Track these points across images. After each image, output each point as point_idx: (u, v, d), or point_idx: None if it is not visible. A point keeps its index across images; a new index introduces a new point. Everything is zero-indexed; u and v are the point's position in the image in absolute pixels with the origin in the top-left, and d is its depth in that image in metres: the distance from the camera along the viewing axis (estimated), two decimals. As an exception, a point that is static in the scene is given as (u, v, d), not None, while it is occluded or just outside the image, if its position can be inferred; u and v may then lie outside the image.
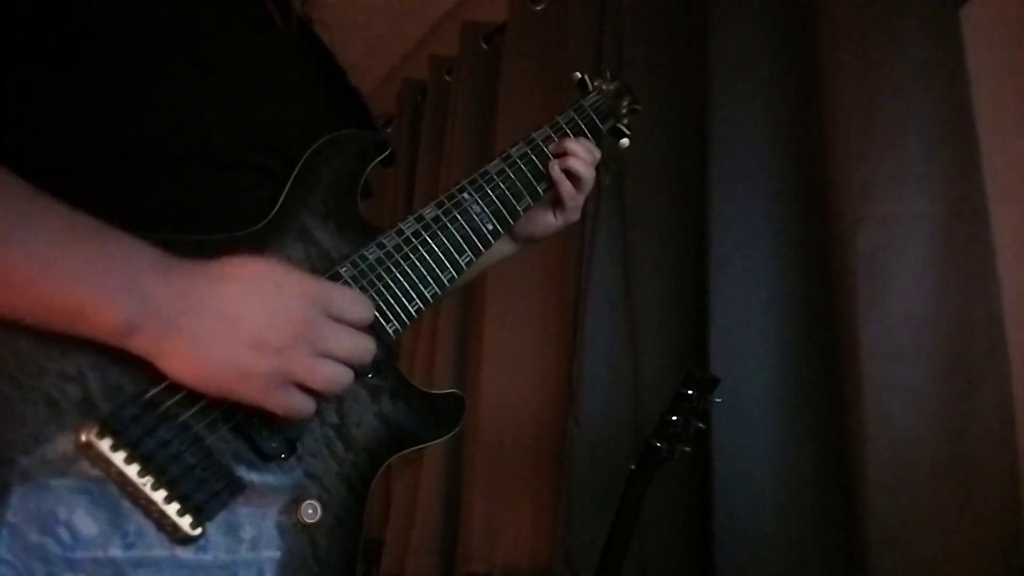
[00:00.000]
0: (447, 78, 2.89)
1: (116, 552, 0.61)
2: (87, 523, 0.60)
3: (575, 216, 1.11)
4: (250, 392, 0.65)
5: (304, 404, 0.68)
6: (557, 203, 1.09)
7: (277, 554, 0.69)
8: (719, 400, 1.40)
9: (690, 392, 1.36)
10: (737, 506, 1.55)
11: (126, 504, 0.62)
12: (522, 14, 2.47)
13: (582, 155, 1.05)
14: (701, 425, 1.38)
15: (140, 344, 0.62)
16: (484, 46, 2.68)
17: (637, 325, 1.87)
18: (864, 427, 1.38)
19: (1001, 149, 1.38)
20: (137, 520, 0.62)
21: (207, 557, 0.65)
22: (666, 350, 1.81)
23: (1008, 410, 1.30)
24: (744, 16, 1.72)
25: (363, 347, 0.71)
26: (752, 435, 1.56)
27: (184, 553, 0.64)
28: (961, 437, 1.32)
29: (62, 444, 0.60)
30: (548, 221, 1.11)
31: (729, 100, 1.70)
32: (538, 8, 2.45)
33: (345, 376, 0.69)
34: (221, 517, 0.66)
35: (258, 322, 0.64)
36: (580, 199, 1.09)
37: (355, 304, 0.71)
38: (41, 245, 0.59)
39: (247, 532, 0.67)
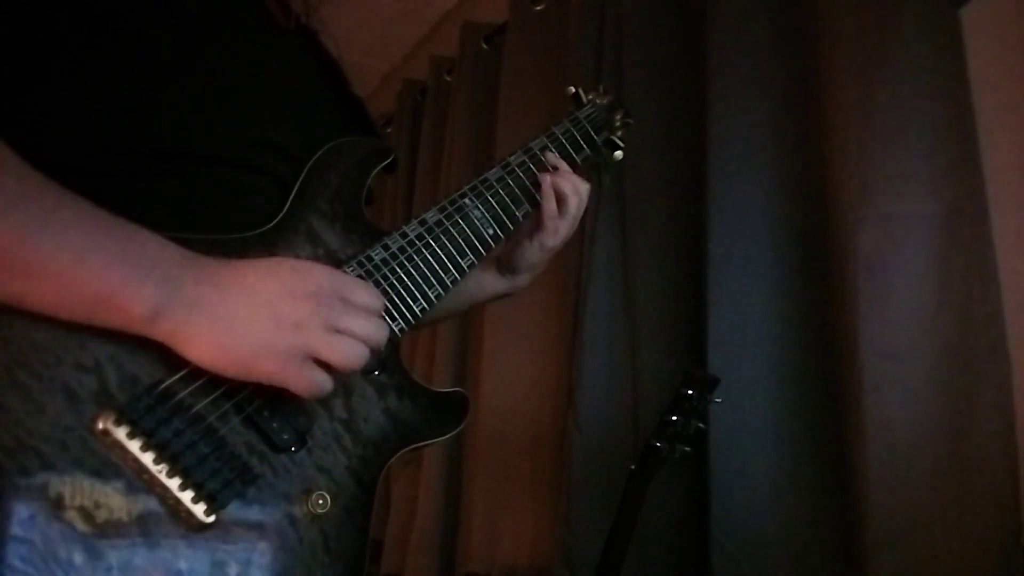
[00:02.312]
0: (447, 78, 2.90)
1: (132, 537, 0.62)
2: (104, 509, 0.61)
3: (552, 241, 1.07)
4: (270, 368, 0.66)
5: (322, 380, 0.69)
6: (538, 224, 1.06)
7: (288, 543, 0.70)
8: (719, 400, 1.40)
9: (690, 392, 1.36)
10: (735, 506, 1.55)
11: (142, 491, 0.63)
12: (522, 14, 2.47)
13: (573, 181, 1.05)
14: (701, 425, 1.38)
15: (164, 329, 0.63)
16: (484, 46, 2.69)
17: (636, 325, 1.88)
18: (864, 427, 1.38)
19: (1001, 149, 1.38)
20: (152, 507, 0.63)
21: (220, 544, 0.66)
22: (665, 350, 1.81)
23: (1008, 410, 1.30)
24: (744, 15, 1.72)
25: (379, 329, 0.73)
26: (750, 435, 1.56)
27: (198, 540, 0.64)
28: (961, 437, 1.33)
29: (79, 432, 0.61)
30: (524, 245, 1.09)
31: (729, 99, 1.71)
32: (538, 8, 2.46)
33: (362, 354, 0.71)
34: (234, 506, 0.67)
35: (276, 299, 0.67)
36: (560, 223, 1.06)
37: (367, 293, 0.74)
38: (72, 237, 0.61)
39: (259, 521, 0.68)
